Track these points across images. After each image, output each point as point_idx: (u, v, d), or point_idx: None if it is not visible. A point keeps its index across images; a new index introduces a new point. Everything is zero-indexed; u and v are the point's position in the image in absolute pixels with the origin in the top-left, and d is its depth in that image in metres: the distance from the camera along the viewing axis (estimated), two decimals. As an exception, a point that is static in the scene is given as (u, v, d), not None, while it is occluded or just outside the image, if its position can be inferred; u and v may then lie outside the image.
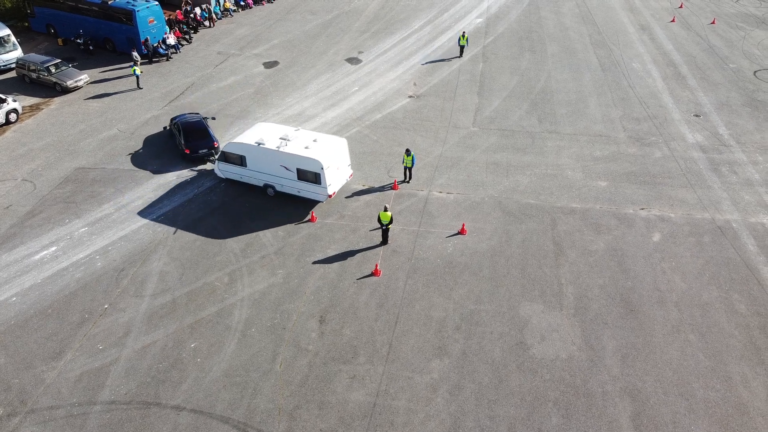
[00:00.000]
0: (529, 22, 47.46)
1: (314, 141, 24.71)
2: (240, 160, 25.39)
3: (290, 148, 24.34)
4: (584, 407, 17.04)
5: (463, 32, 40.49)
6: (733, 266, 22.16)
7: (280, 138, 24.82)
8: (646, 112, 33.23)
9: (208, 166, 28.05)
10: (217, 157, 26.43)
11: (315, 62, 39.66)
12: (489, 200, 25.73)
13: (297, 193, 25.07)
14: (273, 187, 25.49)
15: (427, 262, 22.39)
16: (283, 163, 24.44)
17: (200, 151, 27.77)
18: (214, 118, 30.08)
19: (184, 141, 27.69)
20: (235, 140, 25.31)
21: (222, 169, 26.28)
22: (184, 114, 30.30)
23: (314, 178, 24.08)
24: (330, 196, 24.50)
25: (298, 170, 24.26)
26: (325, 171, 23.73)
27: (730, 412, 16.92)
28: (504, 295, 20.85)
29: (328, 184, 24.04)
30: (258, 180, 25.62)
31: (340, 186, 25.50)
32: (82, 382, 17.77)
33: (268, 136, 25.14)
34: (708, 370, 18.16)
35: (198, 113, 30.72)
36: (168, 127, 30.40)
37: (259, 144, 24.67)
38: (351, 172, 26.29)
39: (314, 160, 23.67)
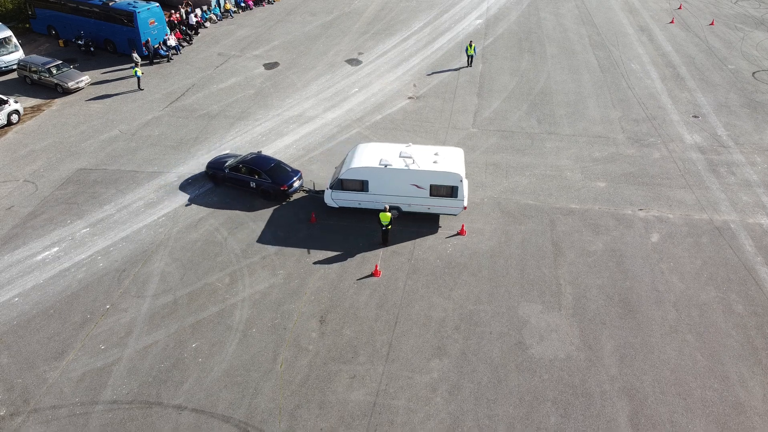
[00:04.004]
0: (529, 24, 47.60)
1: (436, 154, 23.96)
2: (361, 186, 23.89)
3: (421, 165, 23.40)
4: (582, 407, 17.17)
5: (471, 41, 39.70)
6: (730, 267, 22.29)
7: (401, 156, 23.66)
8: (644, 113, 33.37)
9: (301, 194, 26.48)
10: (329, 185, 24.62)
11: (315, 63, 39.80)
12: (488, 201, 25.86)
13: (427, 210, 24.15)
14: (398, 209, 24.27)
15: (426, 263, 22.52)
16: (415, 182, 23.40)
17: (295, 185, 26.00)
18: (260, 152, 27.58)
19: (273, 180, 25.50)
20: (353, 166, 23.64)
21: (336, 198, 24.48)
22: (225, 155, 27.63)
23: (449, 192, 23.40)
24: (464, 208, 23.97)
25: (432, 186, 23.38)
26: (463, 183, 23.31)
27: (728, 411, 17.05)
28: (503, 296, 20.98)
29: (465, 195, 23.62)
30: (381, 203, 24.14)
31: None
32: (85, 381, 17.90)
33: (387, 156, 23.82)
34: (705, 369, 18.29)
35: (227, 152, 28.73)
36: (222, 172, 26.42)
37: (386, 165, 23.39)
38: (467, 181, 25.47)
39: (453, 173, 23.05)
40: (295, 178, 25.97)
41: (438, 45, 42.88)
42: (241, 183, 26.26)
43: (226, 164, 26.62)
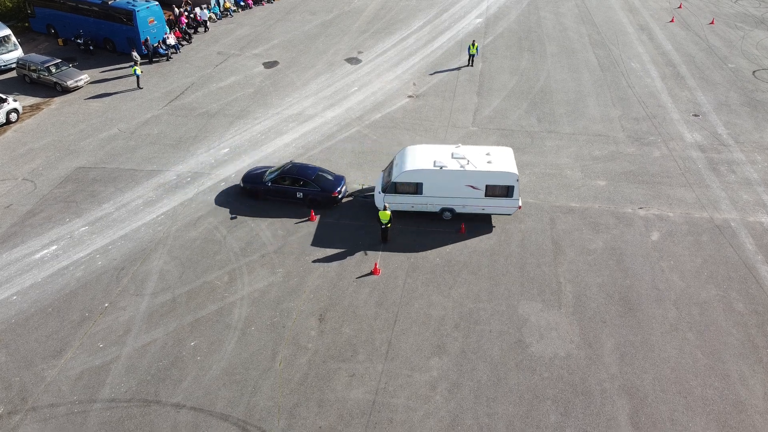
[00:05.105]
0: (529, 22, 47.55)
1: (488, 154, 23.79)
2: (415, 188, 23.60)
3: (477, 166, 23.21)
4: (582, 405, 17.11)
5: (474, 40, 39.44)
6: (731, 265, 22.24)
7: (454, 157, 23.50)
8: (645, 112, 33.32)
9: (345, 200, 26.03)
10: (379, 189, 24.23)
11: (315, 62, 39.74)
12: (488, 199, 25.79)
13: (481, 211, 23.98)
14: (451, 210, 24.06)
15: (426, 261, 22.46)
16: (471, 182, 23.22)
17: (342, 190, 25.66)
18: (292, 161, 26.80)
19: (322, 188, 25.02)
20: (407, 169, 23.33)
21: (390, 202, 23.87)
22: (256, 168, 26.78)
23: (505, 191, 23.30)
24: (519, 207, 23.90)
25: (487, 186, 23.23)
26: (518, 182, 23.25)
27: (728, 409, 17.00)
28: (503, 294, 20.92)
29: (519, 195, 23.60)
30: (435, 205, 24.02)
31: None
32: (83, 380, 17.84)
33: (440, 158, 23.62)
34: (706, 368, 18.23)
35: (261, 165, 27.67)
36: (264, 186, 25.52)
37: (442, 167, 23.17)
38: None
39: (509, 173, 22.96)
40: (342, 186, 25.66)
41: (438, 44, 42.82)
42: (286, 194, 25.53)
43: (266, 177, 25.76)
